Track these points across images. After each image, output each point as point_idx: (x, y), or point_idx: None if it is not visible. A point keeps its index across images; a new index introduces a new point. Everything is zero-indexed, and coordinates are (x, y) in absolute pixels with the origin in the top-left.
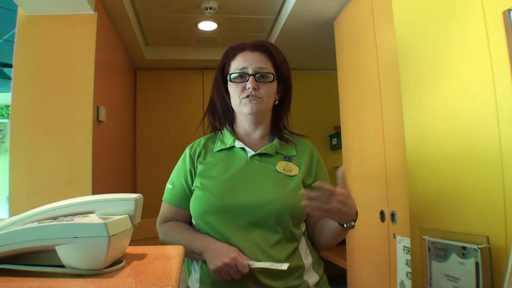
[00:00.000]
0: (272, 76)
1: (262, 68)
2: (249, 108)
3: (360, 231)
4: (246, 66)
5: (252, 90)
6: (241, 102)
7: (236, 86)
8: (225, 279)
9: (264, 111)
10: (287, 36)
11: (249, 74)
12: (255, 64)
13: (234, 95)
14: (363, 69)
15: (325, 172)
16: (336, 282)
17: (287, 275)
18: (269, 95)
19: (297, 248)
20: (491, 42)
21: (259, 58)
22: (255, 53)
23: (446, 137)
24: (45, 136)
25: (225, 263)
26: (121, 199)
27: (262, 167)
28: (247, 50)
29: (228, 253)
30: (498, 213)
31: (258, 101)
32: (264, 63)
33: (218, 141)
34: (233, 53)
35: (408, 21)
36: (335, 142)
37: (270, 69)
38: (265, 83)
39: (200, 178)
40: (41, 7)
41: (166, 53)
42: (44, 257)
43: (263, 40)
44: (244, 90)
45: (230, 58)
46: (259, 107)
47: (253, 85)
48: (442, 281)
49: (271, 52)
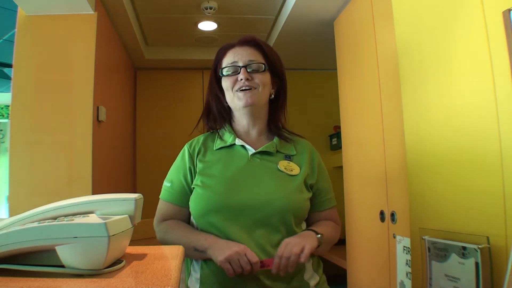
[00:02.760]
0: (264, 65)
1: (253, 60)
2: (244, 100)
3: (360, 231)
4: (236, 60)
5: (245, 80)
6: (234, 95)
7: (228, 80)
8: (235, 270)
9: (259, 103)
10: (287, 36)
11: (240, 66)
12: (245, 57)
13: (228, 89)
14: (363, 69)
15: (326, 173)
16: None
17: (288, 276)
18: (264, 84)
19: None
20: (491, 42)
21: (249, 52)
22: (244, 47)
23: (446, 137)
24: (45, 136)
25: (236, 251)
26: (121, 199)
27: (263, 166)
28: (236, 46)
29: (238, 245)
30: (498, 213)
31: (253, 92)
32: (255, 55)
33: (217, 139)
34: (223, 52)
35: (408, 21)
36: (335, 142)
37: (261, 60)
38: (257, 73)
39: (201, 176)
40: (41, 7)
41: (166, 53)
42: (44, 257)
43: (252, 35)
44: (237, 82)
45: (221, 57)
46: (254, 98)
47: (245, 76)
48: (442, 281)
49: (260, 45)
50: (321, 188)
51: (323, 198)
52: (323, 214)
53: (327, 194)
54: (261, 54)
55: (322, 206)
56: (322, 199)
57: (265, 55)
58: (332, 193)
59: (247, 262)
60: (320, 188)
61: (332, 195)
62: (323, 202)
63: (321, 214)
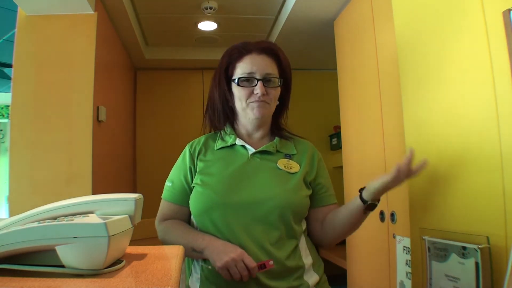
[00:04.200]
0: (279, 80)
1: (270, 73)
2: (257, 113)
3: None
4: (254, 71)
5: (261, 95)
6: (248, 106)
7: (243, 90)
8: (233, 277)
9: (269, 115)
10: (287, 36)
11: (257, 79)
12: (263, 69)
13: (241, 98)
14: (363, 69)
15: (327, 172)
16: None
17: (287, 275)
18: (275, 99)
19: (297, 246)
20: (491, 42)
21: (266, 62)
22: (262, 57)
23: (446, 137)
24: (45, 136)
25: (232, 258)
26: (121, 199)
27: (263, 165)
28: (254, 52)
29: (235, 249)
30: (498, 213)
31: (266, 106)
32: (271, 67)
33: (218, 140)
34: (239, 55)
35: (408, 21)
36: (335, 142)
37: (276, 74)
38: (272, 88)
39: (201, 175)
40: (41, 7)
41: (166, 53)
42: (44, 257)
43: (268, 42)
44: (252, 95)
45: (235, 60)
46: (266, 111)
47: (262, 91)
48: (442, 281)
49: (278, 55)
50: (322, 184)
51: (324, 194)
52: (326, 209)
53: (327, 190)
54: (276, 66)
55: (323, 202)
56: (323, 195)
57: (280, 66)
58: (333, 191)
59: (245, 268)
60: (320, 184)
61: (332, 193)
62: (324, 198)
63: (323, 209)
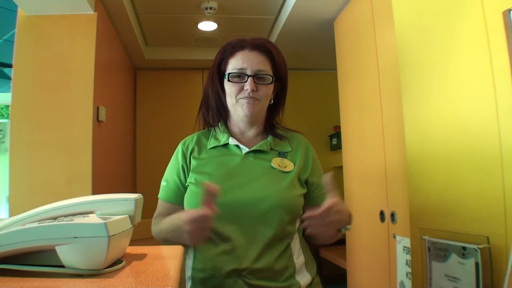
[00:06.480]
0: (271, 78)
1: (261, 70)
2: (246, 110)
3: (360, 231)
4: (245, 66)
5: (250, 91)
6: (237, 102)
7: (233, 86)
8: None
9: (260, 112)
10: (287, 36)
11: (248, 75)
12: (254, 65)
13: (231, 94)
14: (363, 69)
15: (321, 169)
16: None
17: (276, 277)
18: (267, 96)
19: (289, 246)
20: (491, 42)
21: (258, 59)
22: (254, 53)
23: (446, 137)
24: (45, 136)
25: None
26: (121, 199)
27: (257, 164)
28: (246, 48)
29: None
30: (498, 213)
31: (256, 102)
32: (264, 64)
33: (211, 138)
34: (232, 51)
35: (408, 21)
36: (335, 142)
37: (269, 71)
38: (263, 84)
39: (194, 174)
40: (41, 7)
41: (166, 53)
42: (44, 257)
43: (263, 39)
44: (242, 90)
45: (228, 55)
46: (256, 108)
47: (252, 87)
48: (442, 281)
49: (271, 52)
50: (316, 184)
51: (319, 193)
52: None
53: (322, 189)
54: (269, 63)
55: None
56: (318, 194)
57: (274, 63)
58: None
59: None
60: (315, 183)
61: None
62: (319, 197)
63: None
